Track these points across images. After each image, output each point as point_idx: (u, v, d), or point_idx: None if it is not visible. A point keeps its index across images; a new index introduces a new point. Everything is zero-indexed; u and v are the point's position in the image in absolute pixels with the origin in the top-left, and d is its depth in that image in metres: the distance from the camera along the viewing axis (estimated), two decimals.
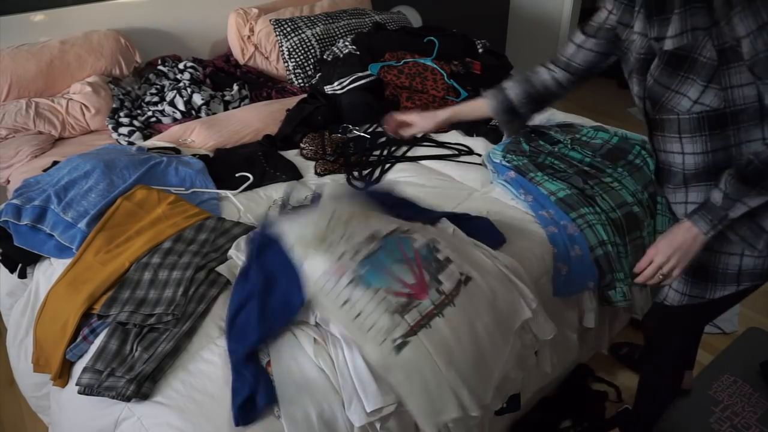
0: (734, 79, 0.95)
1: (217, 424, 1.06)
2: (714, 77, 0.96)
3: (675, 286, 1.21)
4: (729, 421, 1.73)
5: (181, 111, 2.26)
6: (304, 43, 2.59)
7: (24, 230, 1.55)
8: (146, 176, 1.69)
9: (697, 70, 0.97)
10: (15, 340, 1.59)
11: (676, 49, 0.98)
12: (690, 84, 0.98)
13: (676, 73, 0.99)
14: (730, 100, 0.97)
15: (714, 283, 1.14)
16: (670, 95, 1.02)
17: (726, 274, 1.12)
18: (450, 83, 2.30)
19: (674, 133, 1.06)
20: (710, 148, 1.03)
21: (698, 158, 1.06)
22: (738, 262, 1.10)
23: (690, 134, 1.04)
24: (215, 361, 1.17)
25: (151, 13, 2.61)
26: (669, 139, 1.09)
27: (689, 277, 1.17)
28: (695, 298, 1.18)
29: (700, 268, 1.14)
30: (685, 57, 0.97)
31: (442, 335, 1.18)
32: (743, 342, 2.02)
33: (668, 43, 0.99)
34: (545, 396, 1.81)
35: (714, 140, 1.02)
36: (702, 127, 1.02)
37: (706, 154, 1.04)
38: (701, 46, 0.95)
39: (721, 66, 0.95)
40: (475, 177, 1.83)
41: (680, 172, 1.10)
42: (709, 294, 1.16)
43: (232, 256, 1.41)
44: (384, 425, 1.11)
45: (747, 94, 0.96)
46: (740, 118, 0.99)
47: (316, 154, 1.99)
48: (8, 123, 2.12)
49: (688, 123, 1.03)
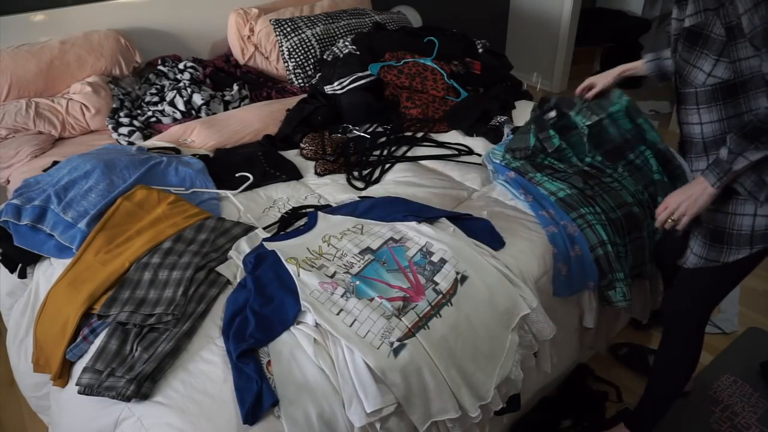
0: (741, 52, 1.10)
1: (217, 424, 1.06)
2: (724, 51, 1.11)
3: (694, 249, 1.32)
4: (729, 421, 1.73)
5: (181, 111, 2.26)
6: (304, 43, 2.59)
7: (24, 230, 1.55)
8: (146, 176, 1.69)
9: (709, 45, 1.12)
10: (15, 340, 1.59)
11: (692, 27, 1.14)
12: (704, 59, 1.14)
13: (693, 48, 1.15)
14: (739, 72, 1.12)
15: (729, 246, 1.26)
16: (690, 69, 1.18)
17: (740, 235, 1.23)
18: (450, 83, 2.30)
19: (693, 105, 1.21)
20: (725, 116, 1.18)
21: (715, 126, 1.20)
22: (751, 223, 1.22)
23: (707, 104, 1.18)
24: (215, 361, 1.17)
25: (151, 13, 2.61)
26: (690, 112, 1.23)
27: (706, 240, 1.29)
28: (711, 262, 1.29)
29: (717, 231, 1.26)
30: (699, 34, 1.13)
31: (441, 335, 1.19)
32: (743, 342, 2.02)
33: (687, 21, 1.15)
34: (545, 396, 1.81)
35: (728, 108, 1.17)
36: (716, 97, 1.17)
37: (722, 121, 1.18)
38: (711, 24, 1.10)
39: (730, 41, 1.09)
40: (475, 177, 1.83)
41: (700, 141, 1.24)
42: (724, 257, 1.27)
43: (232, 257, 1.41)
44: (384, 425, 1.11)
45: (753, 64, 1.11)
46: (748, 86, 1.13)
47: (316, 154, 1.99)
48: (8, 123, 2.12)
49: (704, 95, 1.18)
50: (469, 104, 2.19)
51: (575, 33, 3.95)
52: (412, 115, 2.16)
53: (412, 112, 2.17)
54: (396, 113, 2.21)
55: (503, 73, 2.54)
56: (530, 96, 2.46)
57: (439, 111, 2.18)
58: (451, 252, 1.33)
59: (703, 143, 1.24)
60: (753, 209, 1.21)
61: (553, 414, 1.74)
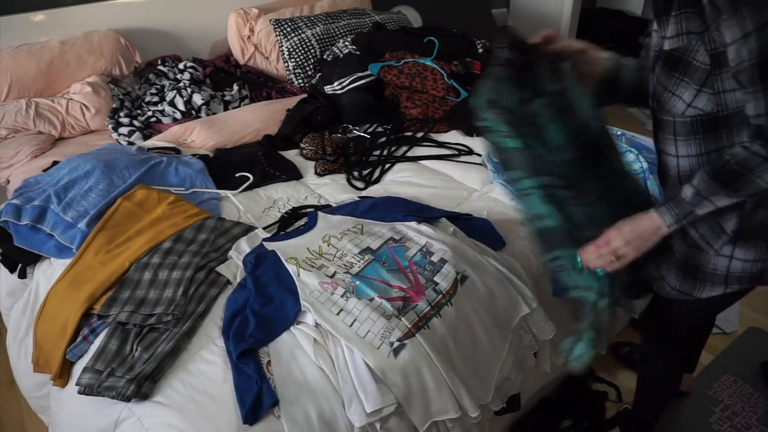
0: (727, 83, 0.95)
1: (217, 424, 1.06)
2: (707, 81, 0.96)
3: (667, 279, 1.22)
4: (729, 421, 1.73)
5: (181, 111, 2.26)
6: (304, 43, 2.59)
7: (24, 230, 1.55)
8: (146, 176, 1.69)
9: (690, 73, 0.97)
10: (15, 340, 1.59)
11: (672, 50, 0.99)
12: (684, 87, 0.99)
13: (672, 74, 1.00)
14: (723, 104, 0.97)
15: (703, 282, 1.15)
16: (668, 96, 1.03)
17: (715, 274, 1.12)
18: (450, 83, 2.30)
19: (670, 134, 1.07)
20: (704, 150, 1.04)
21: (692, 160, 1.06)
22: (726, 264, 1.10)
23: (684, 137, 1.04)
24: (215, 361, 1.17)
25: (151, 13, 2.61)
26: (667, 140, 1.09)
27: (679, 272, 1.18)
28: (684, 294, 1.19)
29: (692, 266, 1.15)
30: (680, 59, 0.98)
31: (440, 335, 1.19)
32: (743, 342, 2.02)
33: (666, 44, 1.00)
34: (545, 396, 1.81)
35: (708, 143, 1.03)
36: (696, 130, 1.02)
37: (700, 156, 1.05)
38: (694, 50, 0.95)
39: (714, 71, 0.94)
40: (475, 177, 1.83)
41: (675, 175, 1.11)
42: (697, 292, 1.17)
43: (232, 257, 1.41)
44: (384, 425, 1.11)
45: (739, 98, 0.95)
46: (732, 121, 0.98)
47: (316, 154, 1.99)
48: (8, 123, 2.12)
49: (682, 126, 1.03)
50: (469, 104, 2.19)
51: (575, 33, 3.95)
52: (412, 115, 2.16)
53: (412, 112, 2.17)
54: (396, 113, 2.21)
55: None
56: None
57: (439, 111, 2.18)
58: (451, 252, 1.33)
59: (678, 177, 1.10)
60: (730, 251, 1.08)
61: (553, 414, 1.74)
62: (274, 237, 1.45)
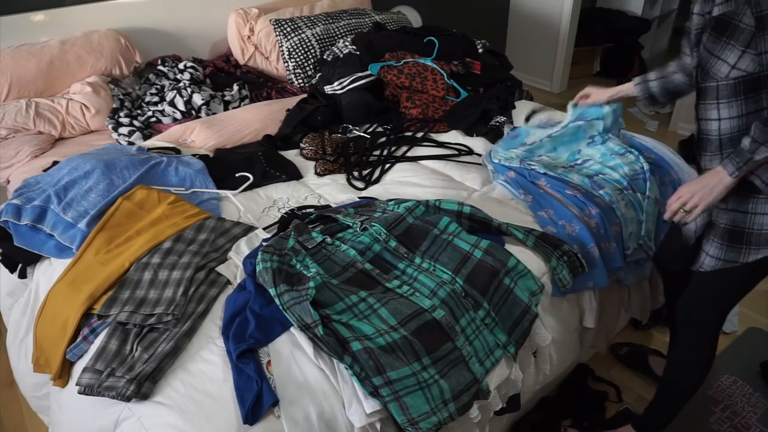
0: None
1: (217, 424, 1.06)
2: (751, 43, 1.08)
3: (710, 252, 1.28)
4: (729, 421, 1.73)
5: (181, 111, 2.26)
6: (304, 43, 2.59)
7: (24, 230, 1.55)
8: (146, 176, 1.69)
9: (737, 36, 1.09)
10: (15, 340, 1.59)
11: (721, 15, 1.11)
12: (730, 50, 1.11)
13: (719, 39, 1.12)
14: (764, 64, 1.09)
15: (748, 246, 1.23)
16: (713, 62, 1.15)
17: (761, 234, 1.20)
18: (450, 83, 2.30)
19: (713, 99, 1.18)
20: (744, 111, 1.15)
21: (733, 122, 1.17)
22: None
23: (727, 99, 1.16)
24: (215, 361, 1.17)
25: (151, 13, 2.61)
26: (709, 107, 1.20)
27: (724, 241, 1.25)
28: (730, 263, 1.26)
29: (735, 231, 1.23)
30: (728, 23, 1.10)
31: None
32: (743, 342, 2.02)
33: (716, 10, 1.12)
34: (545, 396, 1.81)
35: (748, 104, 1.14)
36: (738, 92, 1.14)
37: (741, 117, 1.16)
38: (741, 13, 1.08)
39: (758, 32, 1.07)
40: (475, 177, 1.83)
41: (716, 138, 1.21)
42: (743, 257, 1.24)
43: (232, 257, 1.41)
44: (384, 426, 1.11)
45: None
46: None
47: (316, 154, 1.99)
48: (8, 123, 2.12)
49: (726, 88, 1.15)
50: (469, 104, 2.19)
51: (575, 33, 3.95)
52: (412, 115, 2.16)
53: (412, 112, 2.17)
54: (396, 113, 2.21)
55: (503, 73, 2.54)
56: (531, 96, 2.46)
57: (439, 111, 2.19)
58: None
59: (719, 140, 1.21)
60: None
61: (553, 414, 1.74)
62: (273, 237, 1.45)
